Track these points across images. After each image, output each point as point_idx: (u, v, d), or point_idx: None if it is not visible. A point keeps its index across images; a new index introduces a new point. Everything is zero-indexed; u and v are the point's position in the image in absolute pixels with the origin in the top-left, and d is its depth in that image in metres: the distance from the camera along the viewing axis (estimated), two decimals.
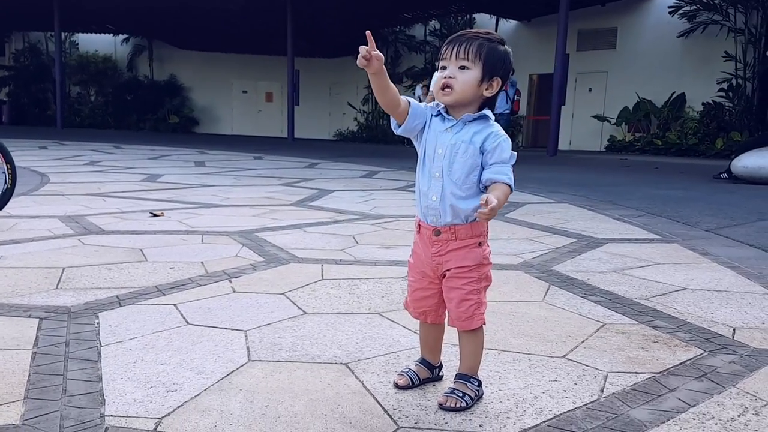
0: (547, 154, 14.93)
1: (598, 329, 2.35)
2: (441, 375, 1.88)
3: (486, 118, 1.70)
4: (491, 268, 1.76)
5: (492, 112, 1.74)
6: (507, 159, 1.66)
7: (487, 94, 1.69)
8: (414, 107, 1.70)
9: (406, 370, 1.85)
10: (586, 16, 18.40)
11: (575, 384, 1.86)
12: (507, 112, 11.88)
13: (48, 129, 23.25)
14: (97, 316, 2.38)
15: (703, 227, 4.86)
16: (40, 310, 2.43)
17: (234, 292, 2.76)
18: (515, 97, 12.18)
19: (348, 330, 2.29)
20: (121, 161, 10.56)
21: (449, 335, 1.85)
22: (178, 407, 1.66)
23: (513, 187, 1.67)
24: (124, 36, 28.16)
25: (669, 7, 16.98)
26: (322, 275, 3.09)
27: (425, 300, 1.79)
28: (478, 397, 1.73)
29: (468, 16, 21.96)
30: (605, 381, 1.88)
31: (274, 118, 27.19)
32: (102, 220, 4.59)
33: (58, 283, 2.83)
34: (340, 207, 5.63)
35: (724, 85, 16.06)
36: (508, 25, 21.01)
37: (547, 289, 2.90)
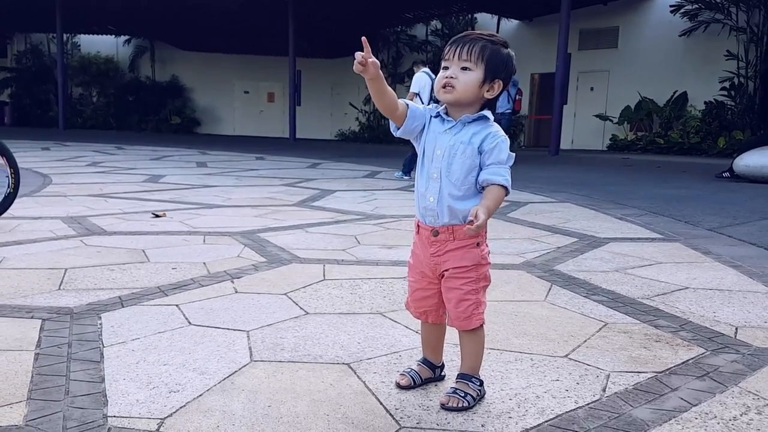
0: (549, 153, 14.93)
1: (600, 329, 2.35)
2: (443, 375, 1.88)
3: (485, 118, 1.70)
4: (491, 268, 1.76)
5: (493, 113, 1.74)
6: (504, 160, 1.66)
7: (488, 96, 1.69)
8: (412, 109, 1.70)
9: (408, 370, 1.85)
10: (588, 16, 18.38)
11: (577, 383, 1.86)
12: (509, 111, 11.85)
13: (50, 130, 23.28)
14: (100, 317, 2.39)
15: (706, 226, 4.85)
16: (42, 311, 2.43)
17: (236, 292, 2.77)
18: (517, 96, 12.14)
19: (350, 330, 2.29)
20: (123, 162, 10.58)
21: (451, 335, 1.85)
22: (181, 408, 1.66)
23: (509, 188, 1.67)
24: (126, 37, 28.17)
25: (671, 6, 16.95)
26: (324, 275, 3.09)
27: (425, 300, 1.79)
28: (480, 396, 1.73)
29: (469, 16, 21.94)
30: (607, 380, 1.88)
31: (276, 118, 27.19)
32: (104, 220, 4.60)
33: (60, 284, 2.84)
34: (341, 207, 5.63)
35: (726, 84, 16.03)
36: (509, 24, 21.00)
37: (549, 289, 2.90)
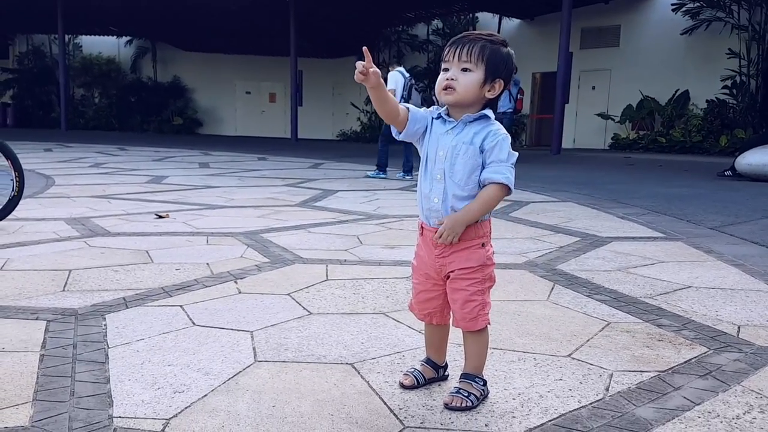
0: (550, 152, 14.92)
1: (603, 328, 2.36)
2: (446, 375, 1.88)
3: (486, 117, 1.70)
4: (495, 268, 1.77)
5: (495, 113, 1.74)
6: (505, 158, 1.66)
7: (489, 95, 1.69)
8: (413, 113, 1.71)
9: (412, 369, 1.86)
10: (590, 14, 18.36)
11: (580, 383, 1.86)
12: (510, 110, 11.85)
13: (52, 131, 23.30)
14: (104, 318, 2.39)
15: (708, 225, 4.85)
16: (47, 313, 2.44)
17: (239, 293, 2.78)
18: (518, 95, 12.15)
19: (353, 330, 2.30)
20: (126, 163, 10.59)
21: (454, 335, 1.85)
22: (186, 408, 1.67)
23: (510, 185, 1.66)
24: (128, 38, 28.17)
25: (672, 5, 16.92)
26: (326, 276, 3.09)
27: (430, 302, 1.79)
28: (483, 396, 1.73)
29: (471, 15, 21.92)
30: (610, 380, 1.88)
31: (278, 118, 27.18)
32: (107, 221, 4.61)
33: (64, 286, 2.85)
34: (344, 207, 5.64)
35: (728, 83, 16.01)
36: (511, 23, 20.99)
37: (552, 288, 2.91)
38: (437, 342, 1.86)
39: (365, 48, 1.63)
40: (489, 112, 1.71)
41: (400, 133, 1.73)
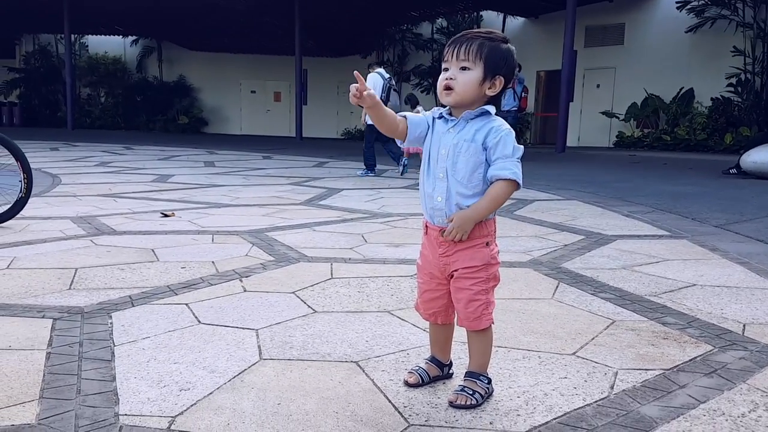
0: (555, 150, 14.90)
1: (608, 326, 2.36)
2: (451, 373, 1.89)
3: (487, 113, 1.69)
4: (499, 266, 1.76)
5: (498, 110, 1.74)
6: (510, 153, 1.65)
7: (490, 93, 1.68)
8: (411, 120, 1.72)
9: (416, 368, 1.86)
10: (594, 12, 18.31)
11: (585, 381, 1.86)
12: (515, 109, 11.84)
13: (59, 130, 23.37)
14: (110, 316, 2.41)
15: (713, 223, 4.84)
16: (53, 311, 2.46)
17: (245, 291, 2.78)
18: (523, 94, 12.13)
19: (358, 328, 2.30)
20: (132, 162, 10.62)
21: (459, 333, 1.85)
22: (191, 406, 1.68)
23: (518, 180, 1.65)
24: (134, 37, 28.25)
25: (677, 3, 16.88)
26: (331, 274, 3.10)
27: (435, 301, 1.80)
28: (488, 394, 1.73)
29: (475, 14, 21.91)
30: (615, 378, 1.88)
31: (283, 117, 27.24)
32: (113, 220, 4.63)
33: (71, 284, 2.86)
34: (348, 206, 5.64)
35: (733, 80, 15.94)
36: (515, 22, 20.96)
37: (557, 287, 2.90)
38: (442, 340, 1.87)
39: (356, 72, 1.64)
40: (490, 108, 1.70)
41: (404, 141, 1.74)
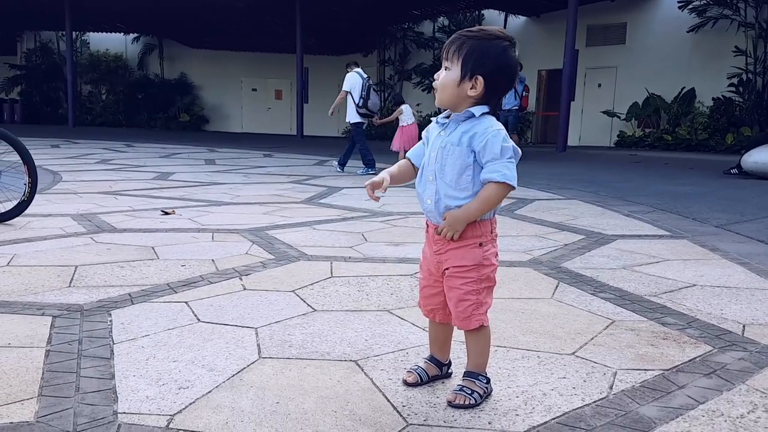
0: (556, 150, 14.89)
1: (608, 326, 2.36)
2: (450, 372, 1.88)
3: (473, 116, 1.66)
4: (498, 267, 1.75)
5: (499, 110, 1.74)
6: (499, 154, 1.62)
7: (471, 93, 1.65)
8: (412, 156, 1.80)
9: (415, 367, 1.86)
10: (596, 12, 18.29)
11: (584, 381, 1.86)
12: (516, 108, 11.84)
13: (60, 127, 23.38)
14: (110, 314, 2.41)
15: (713, 223, 4.84)
16: (53, 308, 2.46)
17: (244, 289, 2.78)
18: (524, 93, 12.13)
19: (357, 327, 2.30)
20: (133, 159, 10.62)
21: (459, 332, 1.85)
22: (190, 404, 1.68)
23: (509, 181, 1.61)
24: (135, 35, 28.25)
25: (679, 2, 16.85)
26: (331, 273, 3.10)
27: (432, 298, 1.80)
28: (486, 394, 1.73)
29: (477, 12, 21.88)
30: (614, 378, 1.88)
31: (284, 115, 27.23)
32: (114, 218, 4.63)
33: (70, 281, 2.86)
34: (349, 204, 5.64)
35: (735, 80, 15.92)
36: (517, 20, 20.93)
37: (556, 286, 2.90)
38: (441, 340, 1.87)
39: (369, 191, 1.75)
40: (475, 109, 1.66)
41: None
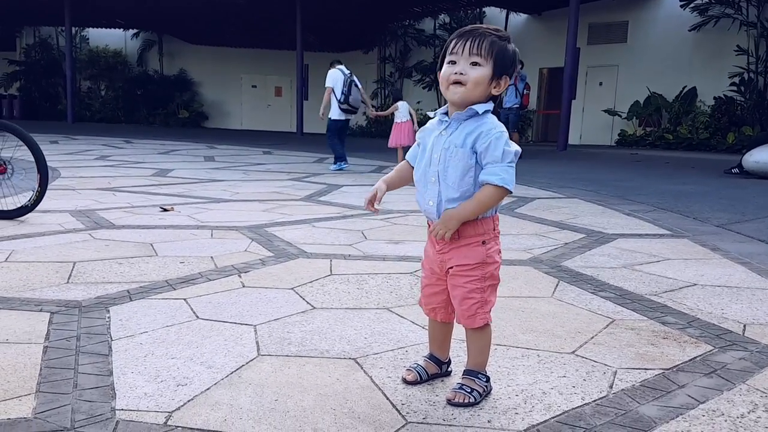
0: (557, 148, 14.87)
1: (608, 325, 2.35)
2: (449, 371, 1.88)
3: (477, 114, 1.65)
4: (500, 266, 1.74)
5: (500, 108, 1.73)
6: (500, 157, 1.61)
7: (495, 92, 1.67)
8: (412, 159, 1.81)
9: (415, 365, 1.85)
10: (597, 10, 18.26)
11: (584, 380, 1.85)
12: (516, 106, 11.83)
13: (59, 123, 23.35)
14: (108, 311, 2.40)
15: (714, 222, 4.83)
16: (51, 304, 2.45)
17: (243, 286, 2.78)
18: (525, 91, 12.12)
19: (357, 325, 2.30)
20: (132, 156, 10.61)
21: (458, 330, 1.84)
22: (189, 401, 1.67)
23: (506, 185, 1.60)
24: (134, 31, 28.20)
25: (680, 1, 16.82)
26: (330, 270, 3.09)
27: (434, 296, 1.79)
28: (486, 392, 1.73)
29: (478, 10, 21.84)
30: (614, 377, 1.88)
31: (284, 112, 27.18)
32: (112, 214, 4.62)
33: (69, 278, 2.85)
34: (348, 202, 5.63)
35: (736, 80, 15.90)
36: (518, 18, 20.90)
37: (557, 285, 2.90)
38: (441, 338, 1.86)
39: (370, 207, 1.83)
40: (479, 107, 1.65)
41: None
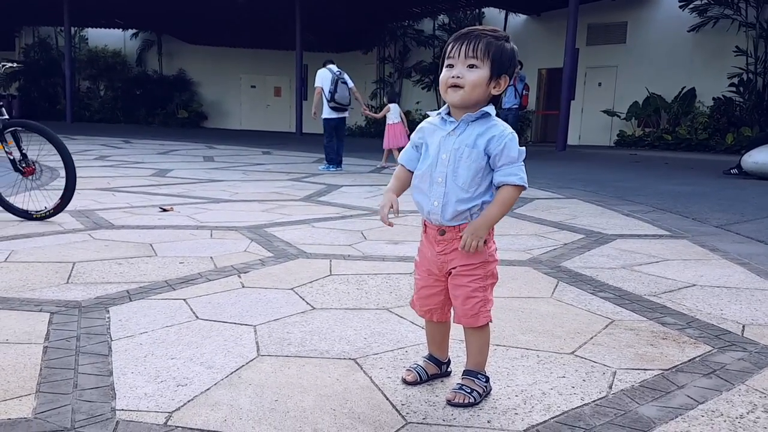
0: (556, 149, 14.87)
1: (607, 326, 2.35)
2: (449, 371, 1.88)
3: (488, 116, 1.67)
4: (498, 264, 1.76)
5: (499, 109, 1.73)
6: (516, 158, 1.64)
7: (495, 92, 1.67)
8: (406, 162, 1.77)
9: (414, 365, 1.85)
10: (596, 11, 18.27)
11: (583, 380, 1.86)
12: (516, 107, 11.84)
13: (58, 123, 23.26)
14: (108, 311, 2.40)
15: (713, 223, 4.84)
16: (51, 305, 2.45)
17: (243, 287, 2.78)
18: (524, 91, 12.13)
19: (356, 325, 2.30)
20: (131, 156, 10.61)
21: (456, 331, 1.85)
22: (189, 401, 1.67)
23: (526, 184, 1.66)
24: (134, 31, 28.18)
25: (679, 1, 16.82)
26: (330, 271, 3.09)
27: (431, 298, 1.79)
28: (486, 393, 1.73)
29: (477, 11, 21.84)
30: (614, 377, 1.88)
31: (283, 113, 27.18)
32: (112, 214, 4.62)
33: (68, 278, 2.85)
34: (348, 202, 5.63)
35: (735, 80, 15.91)
36: (517, 19, 20.91)
37: (556, 286, 2.90)
38: (439, 338, 1.86)
39: (383, 219, 1.73)
40: (490, 108, 1.68)
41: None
